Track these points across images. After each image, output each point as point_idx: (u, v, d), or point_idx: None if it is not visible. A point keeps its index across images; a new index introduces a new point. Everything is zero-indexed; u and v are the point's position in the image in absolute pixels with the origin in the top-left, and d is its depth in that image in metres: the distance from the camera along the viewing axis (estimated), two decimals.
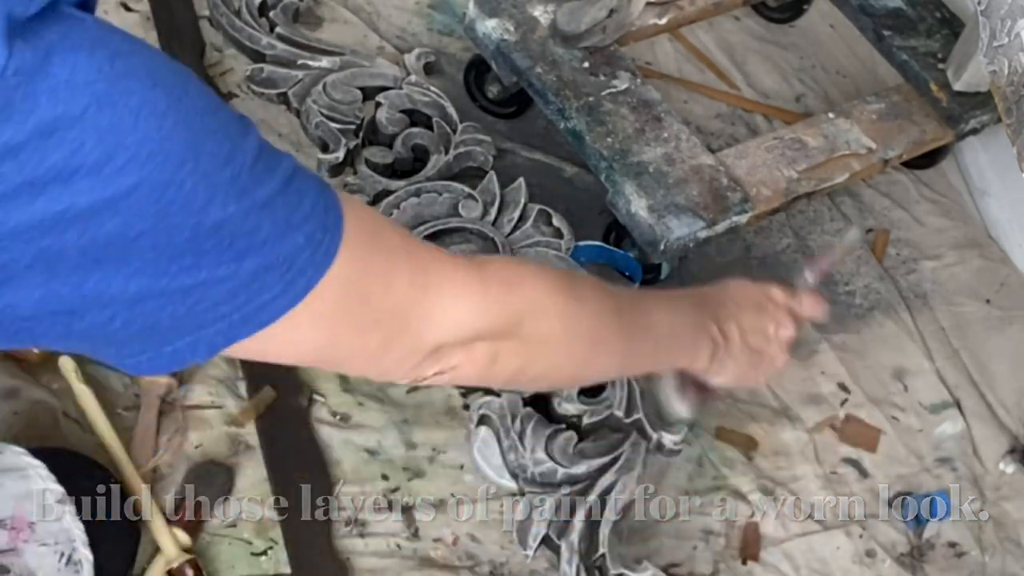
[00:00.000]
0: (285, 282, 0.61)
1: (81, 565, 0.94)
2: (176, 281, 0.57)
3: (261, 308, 0.61)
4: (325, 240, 0.63)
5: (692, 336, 0.95)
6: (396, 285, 0.68)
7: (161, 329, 0.60)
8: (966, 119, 1.42)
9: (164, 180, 0.54)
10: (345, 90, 1.38)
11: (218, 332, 0.61)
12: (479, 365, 0.75)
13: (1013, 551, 1.26)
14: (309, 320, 0.64)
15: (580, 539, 1.09)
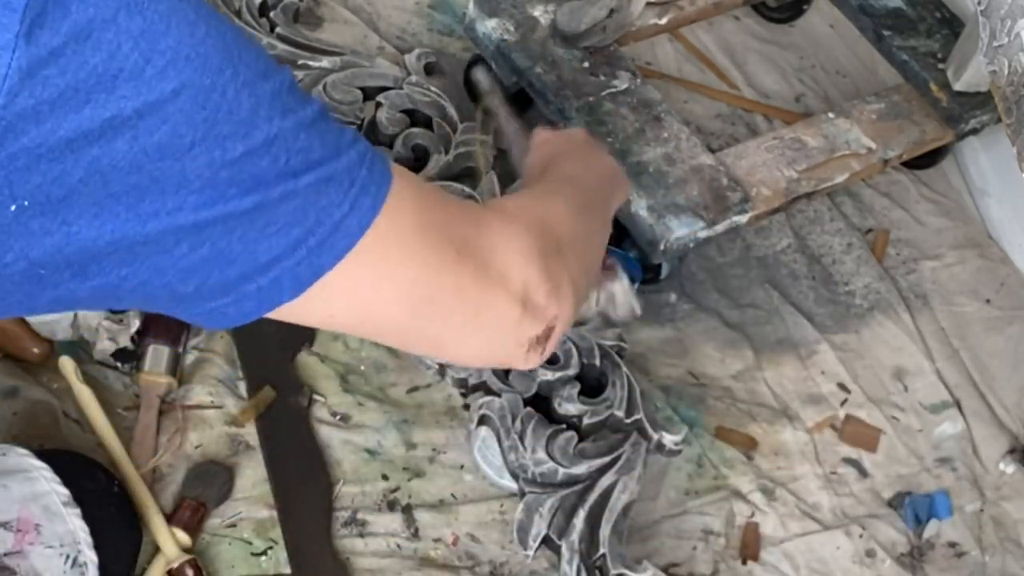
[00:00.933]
0: (351, 199, 0.61)
1: (86, 567, 0.94)
2: (237, 203, 0.57)
3: (335, 229, 0.60)
4: (377, 163, 0.63)
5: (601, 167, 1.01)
6: (457, 215, 0.69)
7: (237, 260, 0.58)
8: (966, 119, 1.42)
9: (206, 85, 0.54)
10: (345, 90, 1.38)
11: (299, 262, 0.60)
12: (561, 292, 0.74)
13: (1013, 551, 1.26)
14: (390, 245, 0.63)
15: (580, 539, 1.09)
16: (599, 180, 0.97)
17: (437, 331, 0.69)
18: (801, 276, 1.45)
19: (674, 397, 1.30)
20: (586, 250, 0.83)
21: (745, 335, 1.38)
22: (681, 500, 1.23)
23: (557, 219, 0.78)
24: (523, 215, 0.75)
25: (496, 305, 0.70)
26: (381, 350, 1.26)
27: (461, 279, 0.67)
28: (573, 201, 0.84)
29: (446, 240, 0.67)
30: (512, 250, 0.71)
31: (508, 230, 0.72)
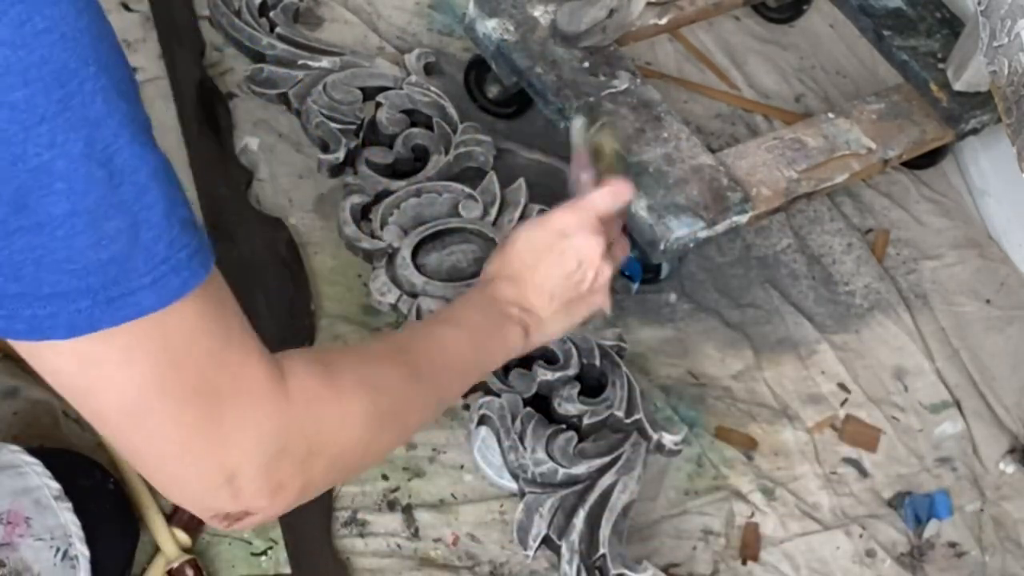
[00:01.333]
0: (157, 274, 0.59)
1: (78, 561, 0.94)
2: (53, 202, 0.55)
3: (130, 295, 0.58)
4: (201, 255, 0.61)
5: (496, 334, 0.93)
6: (221, 362, 0.64)
7: (24, 278, 0.57)
8: (966, 119, 1.42)
9: (71, 68, 0.54)
10: (345, 90, 1.38)
11: (80, 311, 0.58)
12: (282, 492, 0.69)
13: (1013, 551, 1.26)
14: (154, 340, 0.60)
15: (580, 539, 1.09)
16: (466, 370, 0.90)
17: (141, 445, 0.66)
18: (801, 276, 1.45)
19: (674, 397, 1.30)
20: (361, 458, 0.77)
21: (745, 335, 1.38)
22: (681, 500, 1.23)
23: (342, 425, 0.73)
24: (294, 405, 0.69)
25: (202, 463, 0.66)
26: None
27: (183, 414, 0.63)
28: (381, 410, 0.76)
29: (194, 375, 0.63)
30: (250, 428, 0.66)
31: (262, 411, 0.66)
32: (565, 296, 0.97)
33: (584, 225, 0.97)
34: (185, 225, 0.60)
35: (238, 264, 1.28)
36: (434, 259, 1.25)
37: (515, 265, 0.97)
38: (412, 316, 1.20)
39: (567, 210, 0.99)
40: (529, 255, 0.97)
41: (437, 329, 0.90)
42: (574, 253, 0.96)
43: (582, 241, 0.96)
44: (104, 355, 0.60)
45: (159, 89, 1.41)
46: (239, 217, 1.32)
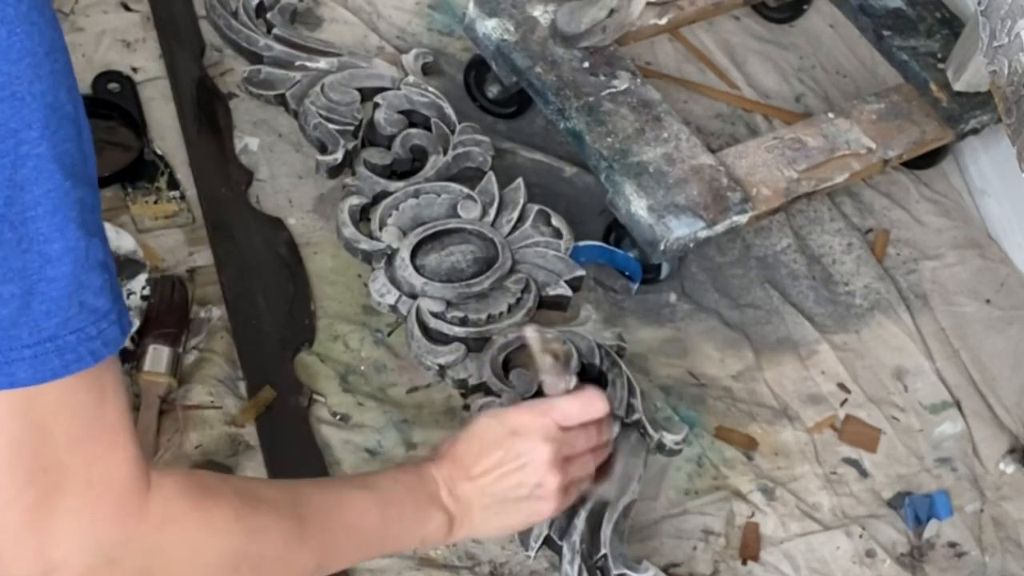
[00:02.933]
0: (41, 351, 0.57)
1: None
2: None
3: (5, 364, 0.57)
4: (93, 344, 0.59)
5: (414, 513, 0.88)
6: (77, 452, 0.62)
7: None
8: (966, 119, 1.42)
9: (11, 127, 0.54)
10: (343, 91, 1.38)
11: None
12: None
13: (1013, 551, 1.26)
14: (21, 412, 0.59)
15: (582, 540, 1.09)
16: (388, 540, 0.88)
17: None
18: (801, 276, 1.45)
19: (674, 397, 1.30)
20: None
21: (745, 335, 1.38)
22: (681, 500, 1.23)
23: (193, 558, 0.69)
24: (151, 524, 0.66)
25: (24, 548, 0.62)
26: (381, 350, 1.26)
27: (22, 496, 0.61)
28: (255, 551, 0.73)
29: (45, 456, 0.60)
30: (84, 532, 0.63)
31: (104, 513, 0.63)
32: (500, 495, 0.94)
33: (537, 429, 0.95)
34: (90, 311, 0.59)
35: (238, 264, 1.28)
36: (433, 260, 1.25)
37: (460, 449, 0.94)
38: (412, 317, 1.20)
39: (528, 409, 0.97)
40: (477, 443, 0.94)
41: (346, 490, 0.86)
42: (519, 455, 0.94)
43: (530, 445, 0.94)
44: None
45: (159, 89, 1.41)
46: (239, 217, 1.32)
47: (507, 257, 1.25)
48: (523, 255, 1.27)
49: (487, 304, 1.21)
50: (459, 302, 1.21)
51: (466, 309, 1.20)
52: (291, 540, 0.76)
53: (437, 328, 1.19)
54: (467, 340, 1.19)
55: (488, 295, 1.22)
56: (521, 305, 1.21)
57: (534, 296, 1.23)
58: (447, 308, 1.20)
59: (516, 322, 1.20)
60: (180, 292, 1.23)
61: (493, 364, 1.17)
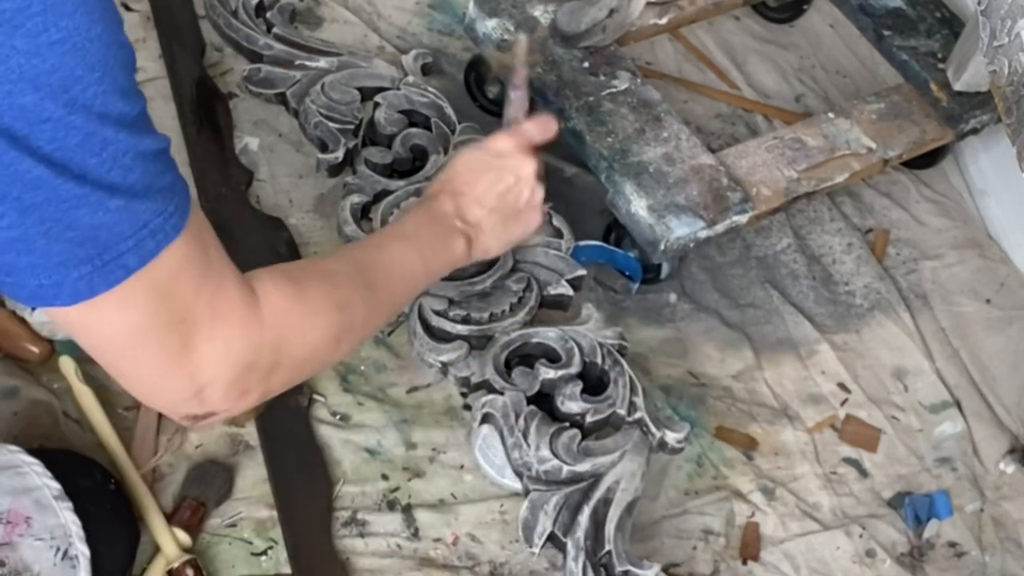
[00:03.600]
0: (139, 238, 0.68)
1: (78, 560, 0.94)
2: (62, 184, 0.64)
3: (117, 258, 0.67)
4: (176, 216, 0.70)
5: (442, 245, 1.03)
6: (201, 292, 0.74)
7: (34, 252, 0.66)
8: (966, 119, 1.42)
9: (77, 75, 0.62)
10: (343, 90, 1.38)
11: (81, 277, 0.67)
12: (245, 398, 0.80)
13: (1013, 551, 1.26)
14: (145, 290, 0.70)
15: (586, 536, 1.09)
16: (417, 280, 1.01)
17: (129, 368, 0.76)
18: (801, 276, 1.45)
19: (674, 397, 1.30)
20: (318, 367, 0.89)
21: (745, 335, 1.38)
22: (681, 500, 1.23)
23: (305, 341, 0.82)
24: (266, 324, 0.79)
25: (178, 379, 0.76)
26: (381, 350, 1.26)
27: (170, 343, 0.74)
28: (341, 326, 0.86)
29: (179, 307, 0.73)
30: (223, 348, 0.76)
31: (235, 331, 0.76)
32: (503, 211, 1.08)
33: (519, 147, 1.10)
34: (163, 193, 0.69)
35: (238, 264, 1.27)
36: None
37: (456, 183, 1.07)
38: (414, 315, 1.20)
39: (503, 135, 1.11)
40: (469, 174, 1.08)
41: (390, 244, 0.99)
42: (511, 171, 1.08)
43: (518, 161, 1.09)
44: (103, 308, 0.70)
45: (159, 89, 1.41)
46: (239, 217, 1.32)
47: (509, 256, 1.25)
48: (524, 254, 1.26)
49: (489, 302, 1.21)
50: (461, 300, 1.21)
51: (468, 307, 1.20)
52: (368, 303, 0.90)
53: (439, 326, 1.19)
54: (469, 338, 1.19)
55: (490, 294, 1.22)
56: (523, 304, 1.21)
57: (535, 295, 1.23)
58: (449, 306, 1.20)
59: (518, 321, 1.20)
60: None
61: (495, 362, 1.17)
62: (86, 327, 0.72)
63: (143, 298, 0.70)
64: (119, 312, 0.70)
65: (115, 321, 0.71)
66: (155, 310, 0.71)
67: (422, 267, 1.00)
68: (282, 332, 0.80)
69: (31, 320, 1.17)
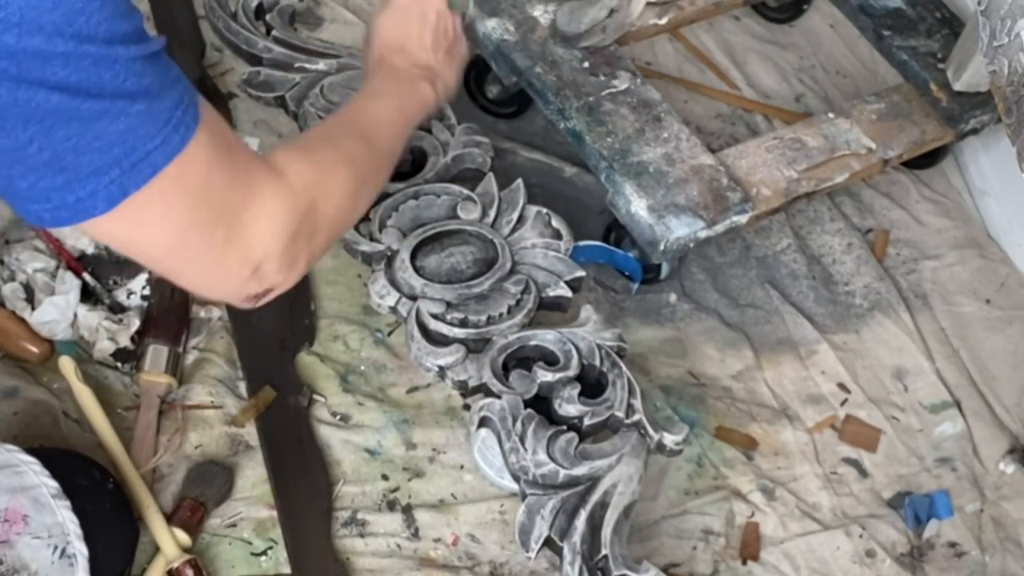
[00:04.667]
0: (164, 135, 0.71)
1: (75, 559, 0.94)
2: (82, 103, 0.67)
3: (144, 157, 0.71)
4: (191, 108, 0.74)
5: (411, 92, 1.10)
6: (234, 180, 0.78)
7: (66, 169, 0.69)
8: (966, 119, 1.42)
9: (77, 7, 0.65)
10: (343, 92, 1.38)
11: (113, 181, 0.70)
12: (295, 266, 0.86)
13: (1013, 551, 1.26)
14: (178, 187, 0.73)
15: (582, 540, 1.09)
16: (403, 126, 1.07)
17: (181, 267, 0.81)
18: (801, 276, 1.45)
19: (674, 397, 1.30)
20: (343, 226, 0.95)
21: (745, 335, 1.38)
22: (681, 500, 1.23)
23: (329, 200, 0.89)
24: (298, 191, 0.84)
25: (232, 265, 0.81)
26: (381, 350, 1.26)
27: (215, 236, 0.78)
28: (356, 178, 0.93)
29: (217, 200, 0.77)
30: (268, 224, 0.81)
31: (275, 204, 0.81)
32: (442, 46, 1.16)
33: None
34: (173, 87, 0.72)
35: None
36: (433, 261, 1.25)
37: (391, 41, 1.14)
38: (412, 318, 1.20)
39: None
40: (397, 29, 1.15)
41: (369, 104, 1.06)
42: (428, 11, 1.16)
43: (426, 2, 1.16)
44: (145, 211, 0.73)
45: None
46: None
47: (507, 258, 1.24)
48: (523, 256, 1.26)
49: (487, 305, 1.21)
50: (459, 303, 1.21)
51: (466, 310, 1.20)
52: (369, 153, 0.97)
53: (437, 329, 1.19)
54: (467, 341, 1.19)
55: (488, 296, 1.22)
56: (521, 306, 1.21)
57: (534, 297, 1.23)
58: (447, 309, 1.20)
59: (516, 323, 1.20)
60: (180, 292, 1.23)
61: (493, 365, 1.17)
62: (132, 238, 0.76)
63: (178, 196, 0.74)
64: (158, 215, 0.74)
65: (157, 224, 0.75)
66: (193, 206, 0.75)
67: (401, 116, 1.07)
68: (311, 196, 0.85)
69: (31, 320, 1.17)
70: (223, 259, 0.80)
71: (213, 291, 0.86)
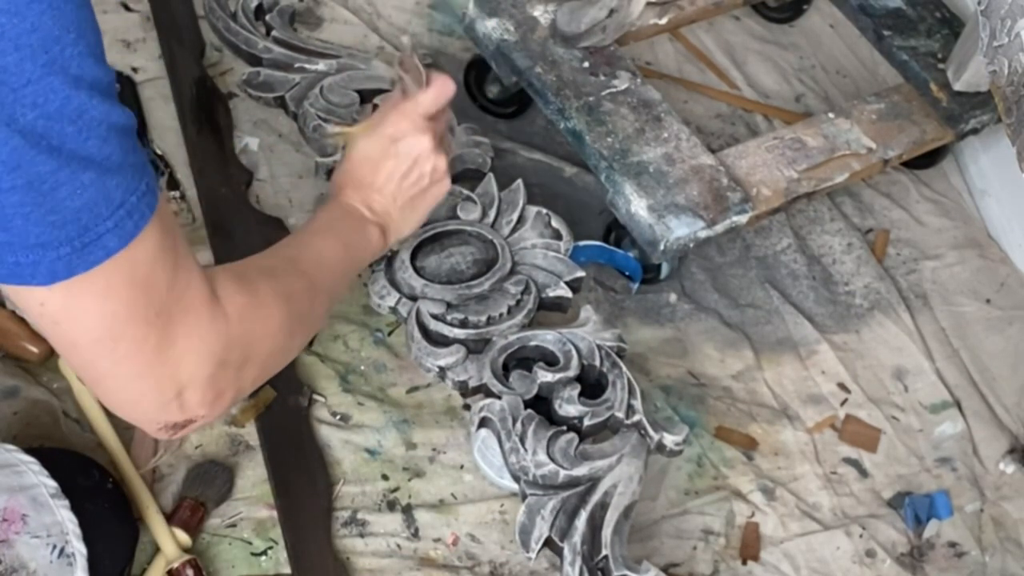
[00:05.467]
0: (117, 218, 0.68)
1: (74, 558, 0.94)
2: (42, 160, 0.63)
3: (98, 239, 0.67)
4: (149, 195, 0.70)
5: (358, 236, 1.05)
6: (175, 284, 0.74)
7: (10, 229, 0.65)
8: (966, 119, 1.42)
9: (55, 35, 0.62)
10: (342, 93, 1.38)
11: (60, 258, 0.66)
12: (220, 400, 0.81)
13: (1013, 551, 1.26)
14: (123, 276, 0.70)
15: (583, 541, 1.09)
16: (345, 269, 1.03)
17: (108, 370, 0.75)
18: (801, 276, 1.45)
19: (674, 397, 1.30)
20: (273, 365, 0.90)
21: (745, 335, 1.38)
22: (681, 500, 1.23)
23: (262, 336, 0.84)
24: (233, 321, 0.80)
25: (159, 379, 0.76)
26: (381, 350, 1.26)
27: (148, 338, 0.74)
28: (292, 316, 0.88)
29: (157, 299, 0.73)
30: (199, 344, 0.77)
31: (208, 327, 0.77)
32: (407, 195, 1.09)
33: (412, 127, 1.08)
34: (135, 170, 0.69)
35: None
36: (433, 261, 1.25)
37: (357, 175, 1.08)
38: (412, 319, 1.20)
39: (395, 115, 1.09)
40: (367, 164, 1.08)
41: (312, 240, 1.02)
42: (406, 155, 1.08)
43: (412, 141, 1.08)
44: (84, 292, 0.69)
45: (159, 89, 1.41)
46: (239, 217, 1.32)
47: (507, 259, 1.25)
48: (523, 256, 1.27)
49: (487, 306, 1.21)
50: (459, 304, 1.21)
51: (466, 311, 1.20)
52: (308, 292, 0.93)
53: (437, 330, 1.19)
54: (467, 342, 1.19)
55: (488, 297, 1.22)
56: (521, 307, 1.21)
57: (534, 298, 1.23)
58: (447, 310, 1.20)
59: (516, 324, 1.20)
60: None
61: (493, 366, 1.17)
62: (65, 316, 0.71)
63: (121, 285, 0.70)
64: (98, 299, 0.70)
65: (93, 309, 0.70)
66: (133, 299, 0.71)
67: (345, 256, 1.03)
68: (245, 326, 0.81)
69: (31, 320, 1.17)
70: (151, 369, 0.75)
71: (131, 406, 0.79)
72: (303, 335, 0.95)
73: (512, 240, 1.28)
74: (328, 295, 0.99)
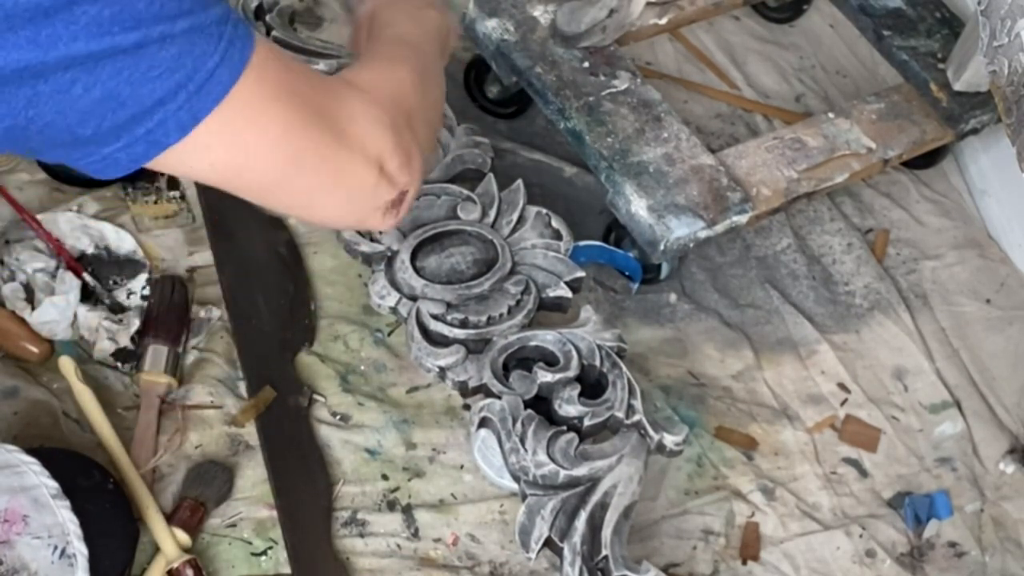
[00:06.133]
0: (222, 50, 0.67)
1: (75, 559, 0.94)
2: (121, 38, 0.63)
3: (209, 76, 0.67)
4: (241, 24, 0.70)
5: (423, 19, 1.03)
6: (314, 81, 0.76)
7: (126, 103, 0.65)
8: (966, 119, 1.42)
9: None
10: None
11: (180, 106, 0.67)
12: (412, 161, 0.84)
13: (1013, 551, 1.26)
14: (257, 99, 0.70)
15: (583, 541, 1.09)
16: (431, 39, 1.03)
17: (303, 189, 0.77)
18: (801, 276, 1.45)
19: (674, 397, 1.30)
20: (431, 118, 0.94)
21: (745, 335, 1.38)
22: (681, 500, 1.23)
23: (405, 92, 0.87)
24: (375, 90, 0.83)
25: (355, 170, 0.79)
26: (381, 350, 1.26)
27: (322, 142, 0.76)
28: (415, 70, 0.91)
29: (307, 105, 0.74)
30: (368, 122, 0.79)
31: (363, 103, 0.80)
32: None
33: None
34: (217, 3, 0.68)
35: (238, 264, 1.28)
36: (433, 262, 1.25)
37: None
38: (412, 319, 1.20)
39: None
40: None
41: (385, 32, 1.00)
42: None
43: None
44: (235, 126, 0.70)
45: None
46: (239, 217, 1.32)
47: (507, 259, 1.24)
48: (523, 256, 1.26)
49: (487, 306, 1.21)
50: (459, 304, 1.21)
51: (466, 311, 1.20)
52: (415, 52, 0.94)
53: (437, 330, 1.19)
54: (467, 342, 1.19)
55: (488, 297, 1.22)
56: (521, 307, 1.21)
57: (534, 298, 1.23)
58: (447, 310, 1.20)
59: (516, 324, 1.20)
60: (180, 292, 1.23)
61: (493, 366, 1.17)
62: (237, 161, 0.72)
63: (265, 102, 0.71)
64: (252, 128, 0.71)
65: (254, 140, 0.72)
66: (283, 111, 0.72)
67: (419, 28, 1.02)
68: (386, 91, 0.84)
69: (31, 320, 1.17)
70: (345, 164, 0.78)
71: (351, 206, 0.83)
72: (435, 89, 0.97)
73: (512, 240, 1.28)
74: (431, 55, 0.99)
